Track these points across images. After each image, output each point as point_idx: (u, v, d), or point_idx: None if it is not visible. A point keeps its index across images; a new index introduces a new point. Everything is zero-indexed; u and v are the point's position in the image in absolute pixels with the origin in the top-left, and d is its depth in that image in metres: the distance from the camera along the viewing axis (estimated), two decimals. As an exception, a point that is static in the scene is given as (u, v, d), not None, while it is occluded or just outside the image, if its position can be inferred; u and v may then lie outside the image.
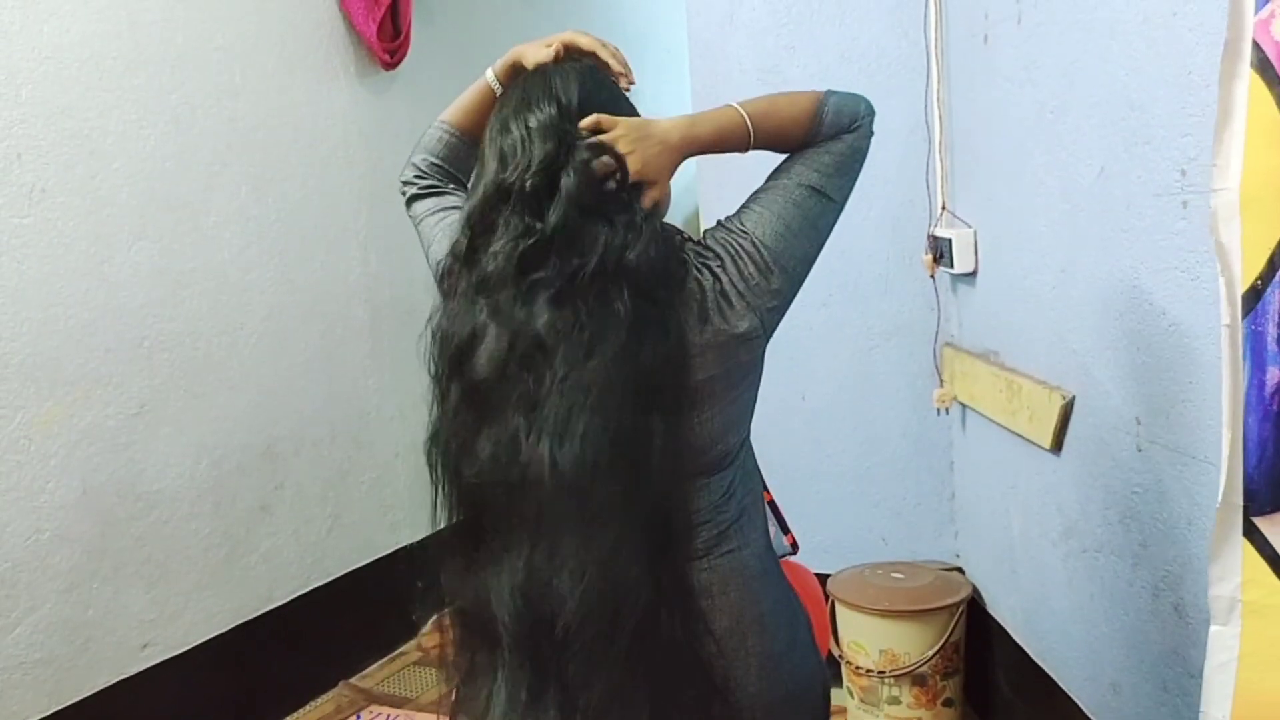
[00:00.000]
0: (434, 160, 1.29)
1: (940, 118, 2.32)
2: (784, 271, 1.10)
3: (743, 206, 1.15)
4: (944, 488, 2.52)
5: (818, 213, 1.13)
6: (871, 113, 1.17)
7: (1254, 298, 0.99)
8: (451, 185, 1.29)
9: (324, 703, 2.82)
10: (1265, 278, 0.98)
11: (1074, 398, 1.75)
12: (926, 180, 2.38)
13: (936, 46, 2.32)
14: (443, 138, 1.29)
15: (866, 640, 2.30)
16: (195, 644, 2.48)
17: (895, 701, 2.29)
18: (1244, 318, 1.00)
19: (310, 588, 2.82)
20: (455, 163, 1.30)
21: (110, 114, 2.30)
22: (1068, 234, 1.72)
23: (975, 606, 2.34)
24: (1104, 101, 1.54)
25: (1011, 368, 2.03)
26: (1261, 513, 1.00)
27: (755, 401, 1.16)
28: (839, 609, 2.35)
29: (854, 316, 2.50)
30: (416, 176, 1.30)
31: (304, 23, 2.83)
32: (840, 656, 2.36)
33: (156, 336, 2.40)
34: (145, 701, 2.33)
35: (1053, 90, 1.73)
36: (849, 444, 2.57)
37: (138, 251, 2.36)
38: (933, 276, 2.40)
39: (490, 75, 1.25)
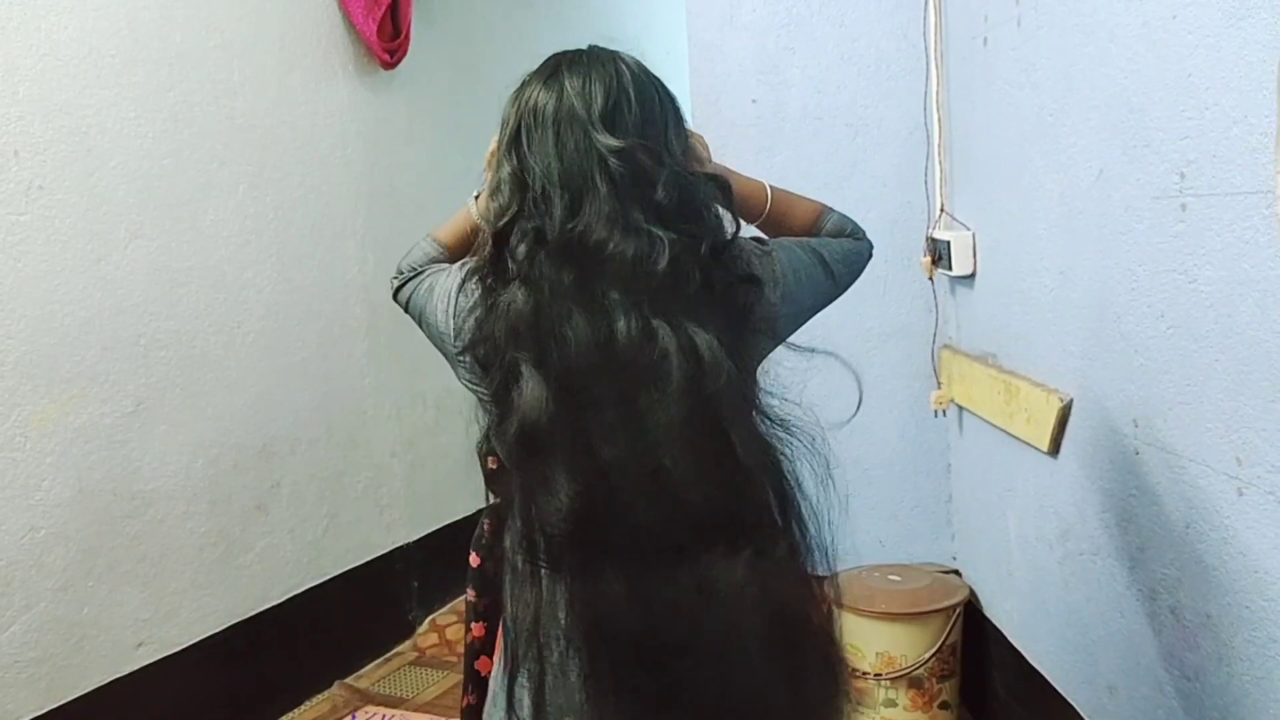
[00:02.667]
0: (417, 271, 1.28)
1: (939, 120, 2.32)
2: (785, 297, 1.16)
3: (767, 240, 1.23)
4: (941, 490, 2.51)
5: (822, 280, 1.23)
6: (867, 240, 1.32)
7: None
8: None
9: (319, 702, 2.81)
10: None
11: (1072, 400, 1.75)
12: (925, 182, 2.38)
13: (936, 49, 2.31)
14: (429, 253, 1.27)
15: (863, 643, 2.30)
16: (190, 643, 2.48)
17: (892, 704, 2.29)
18: None
19: (306, 587, 2.82)
20: None
21: (108, 111, 2.30)
22: (1066, 236, 1.72)
23: (972, 609, 2.34)
24: (1103, 104, 1.54)
25: (1010, 370, 2.03)
26: None
27: None
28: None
29: (852, 318, 2.49)
30: (396, 276, 1.29)
31: (303, 21, 2.82)
32: (837, 658, 2.36)
33: (153, 334, 2.39)
34: (140, 700, 2.33)
35: (1052, 93, 1.73)
36: (846, 446, 2.56)
37: (135, 249, 2.35)
38: (931, 279, 2.40)
39: (471, 204, 1.24)
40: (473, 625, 1.41)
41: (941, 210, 2.34)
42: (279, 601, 2.73)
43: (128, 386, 2.33)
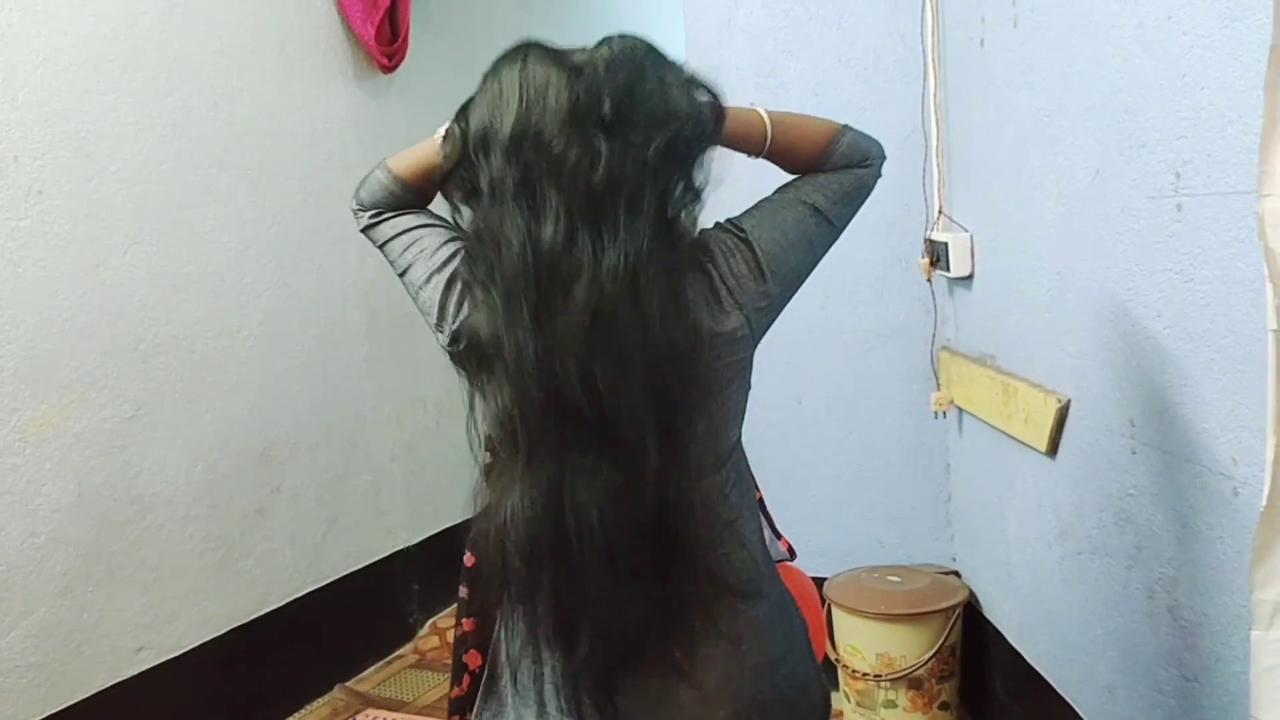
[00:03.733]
0: (377, 206, 1.28)
1: (937, 122, 2.33)
2: (775, 277, 1.12)
3: (744, 212, 1.16)
4: (940, 491, 2.52)
5: (815, 232, 1.16)
6: (883, 156, 1.21)
7: None
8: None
9: (320, 706, 2.81)
10: None
11: (1069, 401, 1.76)
12: (923, 184, 2.39)
13: (933, 51, 2.32)
14: (388, 187, 1.27)
15: (863, 644, 2.30)
16: (190, 647, 2.48)
17: (892, 705, 2.29)
18: None
19: (306, 591, 2.82)
20: (397, 208, 1.28)
21: (107, 117, 2.30)
22: (1063, 237, 1.72)
23: (971, 610, 2.34)
24: (1099, 105, 1.55)
25: (1008, 371, 2.03)
26: None
27: (745, 406, 1.16)
28: (835, 613, 2.35)
29: (850, 319, 2.50)
30: (358, 210, 1.28)
31: (302, 25, 2.83)
32: (837, 660, 2.36)
33: (152, 339, 2.40)
34: (140, 705, 2.33)
35: (1048, 94, 1.74)
36: (845, 447, 2.57)
37: (134, 254, 2.36)
38: (929, 280, 2.41)
39: (440, 138, 1.23)
40: (463, 620, 1.40)
41: (939, 212, 2.34)
42: (279, 605, 2.73)
43: (127, 391, 2.34)
